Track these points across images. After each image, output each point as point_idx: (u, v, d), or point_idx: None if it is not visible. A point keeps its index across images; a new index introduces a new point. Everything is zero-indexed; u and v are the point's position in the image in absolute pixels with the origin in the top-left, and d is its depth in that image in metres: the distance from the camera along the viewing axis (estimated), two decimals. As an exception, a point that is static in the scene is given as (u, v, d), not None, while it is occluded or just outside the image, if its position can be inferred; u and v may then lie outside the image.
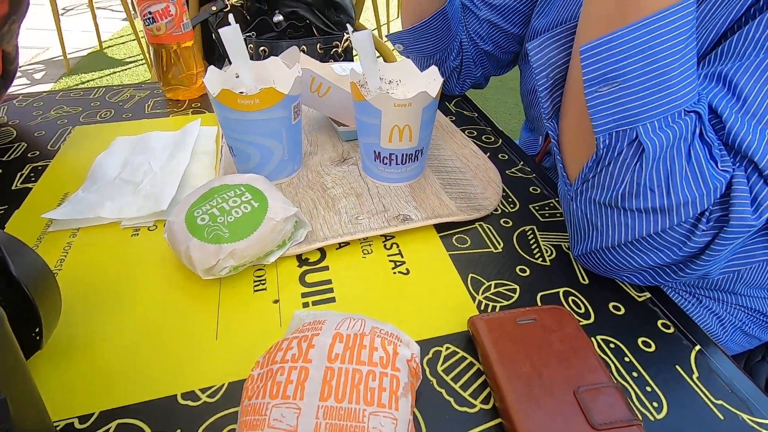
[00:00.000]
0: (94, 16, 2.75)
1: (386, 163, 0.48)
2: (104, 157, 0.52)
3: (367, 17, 3.66)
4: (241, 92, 0.47)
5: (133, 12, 2.54)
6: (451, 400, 0.30)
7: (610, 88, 0.31)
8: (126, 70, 2.70)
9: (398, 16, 3.60)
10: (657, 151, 0.30)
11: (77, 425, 0.28)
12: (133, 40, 3.03)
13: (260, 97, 0.42)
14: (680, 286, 0.58)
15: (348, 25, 0.52)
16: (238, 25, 0.44)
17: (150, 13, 0.60)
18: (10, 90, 0.62)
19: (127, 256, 0.41)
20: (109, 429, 0.28)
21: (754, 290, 0.57)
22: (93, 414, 0.29)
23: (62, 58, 2.63)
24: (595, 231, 0.36)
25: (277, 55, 0.98)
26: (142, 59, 2.80)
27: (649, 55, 0.29)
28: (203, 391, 0.30)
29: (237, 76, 0.48)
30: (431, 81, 0.47)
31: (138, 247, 0.42)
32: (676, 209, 0.31)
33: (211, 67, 0.46)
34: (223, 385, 0.31)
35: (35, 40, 3.02)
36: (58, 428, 0.28)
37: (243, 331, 0.34)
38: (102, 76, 2.60)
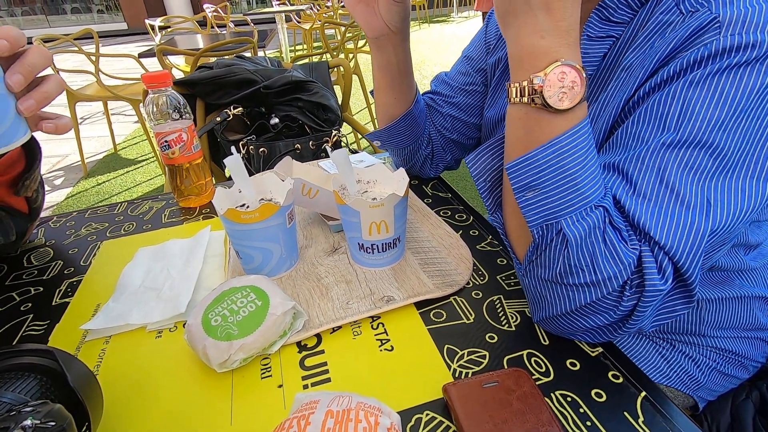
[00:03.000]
0: (110, 123, 3.02)
1: (369, 252, 0.56)
2: (129, 269, 0.61)
3: (356, 100, 3.96)
4: (244, 205, 0.57)
5: (145, 117, 2.80)
6: (431, 461, 0.35)
7: (534, 193, 0.39)
8: (138, 168, 2.91)
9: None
10: (578, 239, 0.38)
11: None
12: (145, 140, 3.30)
13: (260, 212, 0.51)
14: (655, 333, 0.63)
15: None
16: (239, 155, 0.54)
17: (166, 141, 0.72)
18: (56, 204, 0.71)
19: (152, 357, 0.47)
20: None
21: (721, 331, 0.62)
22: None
23: (80, 162, 2.85)
24: (546, 302, 0.43)
25: (274, 154, 1.11)
26: (153, 157, 3.02)
27: (559, 167, 0.38)
28: (222, 472, 0.36)
29: (240, 191, 0.58)
30: (400, 180, 0.57)
31: (161, 347, 0.49)
32: (603, 282, 0.39)
33: (218, 188, 0.55)
34: (238, 465, 0.36)
35: (56, 149, 3.29)
36: None
37: (254, 415, 0.40)
38: (116, 177, 2.80)
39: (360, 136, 2.65)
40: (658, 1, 0.45)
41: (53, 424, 0.25)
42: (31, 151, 0.58)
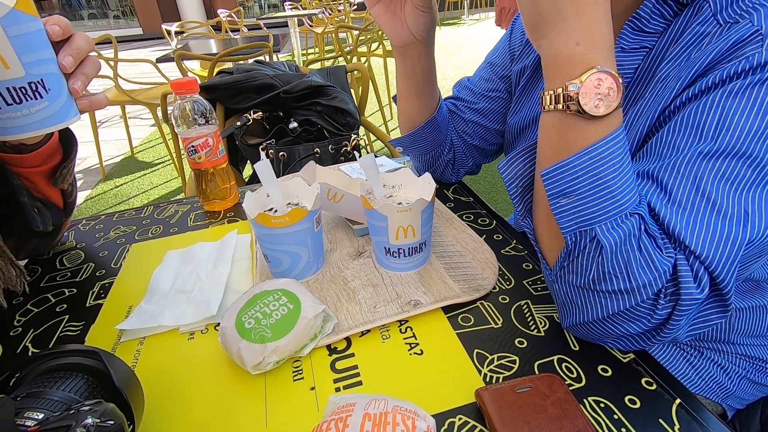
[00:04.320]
0: (127, 126, 3.07)
1: (396, 257, 0.56)
2: (159, 271, 0.62)
3: (367, 103, 3.98)
4: (272, 209, 0.58)
5: (172, 122, 2.85)
6: (466, 465, 0.36)
7: (568, 200, 0.39)
8: (155, 171, 2.96)
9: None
10: (613, 246, 0.38)
11: None
12: (161, 143, 3.35)
13: (289, 216, 0.52)
14: (682, 341, 0.63)
15: (356, 151, 0.63)
16: (268, 160, 0.55)
17: (192, 146, 0.74)
18: (76, 207, 0.72)
19: (186, 358, 0.48)
20: None
21: (751, 339, 0.61)
22: (173, 499, 0.35)
23: (98, 165, 2.91)
24: (577, 308, 0.43)
25: (294, 158, 1.12)
26: (169, 160, 3.07)
27: (593, 174, 0.38)
28: (259, 472, 0.36)
29: (267, 195, 0.59)
30: (426, 185, 0.57)
31: (194, 348, 0.50)
32: (638, 290, 0.39)
33: (248, 193, 0.57)
34: (275, 466, 0.37)
35: (75, 152, 3.35)
36: None
37: (288, 417, 0.41)
38: (134, 179, 2.85)
39: (373, 138, 2.65)
40: (694, 11, 0.45)
41: (112, 423, 0.25)
42: (68, 142, 0.61)
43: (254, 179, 1.39)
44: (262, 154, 0.57)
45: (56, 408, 0.31)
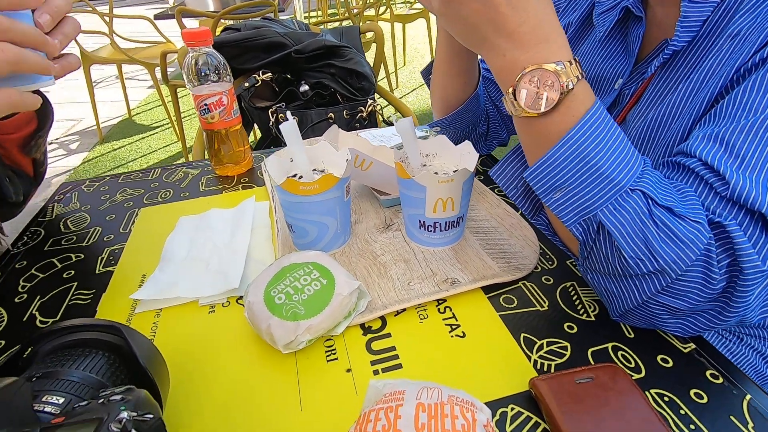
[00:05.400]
0: (124, 87, 2.96)
1: (431, 231, 0.52)
2: (173, 238, 0.58)
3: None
4: (296, 175, 0.53)
5: (183, 77, 2.74)
6: (524, 459, 0.33)
7: (561, 193, 0.37)
8: (153, 134, 2.87)
9: (405, 64, 3.78)
10: (621, 228, 0.35)
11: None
12: (159, 106, 3.24)
13: (319, 183, 0.48)
14: (755, 322, 0.60)
15: (392, 118, 0.58)
16: (295, 120, 0.50)
17: (206, 104, 0.68)
18: (72, 169, 0.67)
19: (208, 332, 0.45)
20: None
21: (793, 326, 0.59)
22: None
23: (95, 127, 2.81)
24: (614, 296, 0.40)
25: (306, 123, 1.06)
26: (168, 124, 2.98)
27: (575, 162, 0.35)
28: (297, 461, 0.33)
29: (291, 160, 0.54)
30: (466, 154, 0.52)
31: (216, 323, 0.46)
32: (669, 267, 0.35)
33: (271, 157, 0.52)
34: (314, 454, 0.34)
35: (70, 113, 3.25)
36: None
37: (324, 401, 0.38)
38: (132, 143, 2.77)
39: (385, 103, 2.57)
40: None
41: (151, 416, 0.22)
42: (44, 111, 0.56)
43: (259, 146, 1.33)
44: (288, 113, 0.51)
45: (77, 390, 0.27)
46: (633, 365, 0.39)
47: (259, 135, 1.37)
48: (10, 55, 0.37)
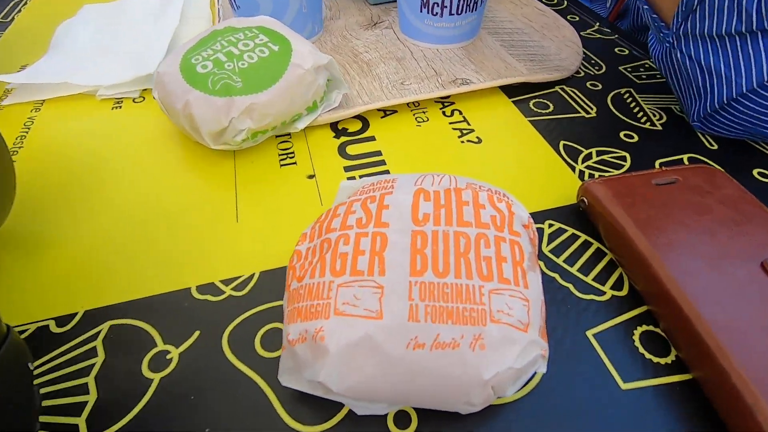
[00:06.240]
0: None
1: (436, 14, 0.37)
2: (70, 24, 0.41)
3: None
4: None
5: None
6: (570, 286, 0.22)
7: None
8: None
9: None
10: None
11: (54, 329, 0.20)
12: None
13: None
14: None
15: None
16: None
17: None
18: None
19: (108, 133, 0.31)
20: (99, 332, 0.20)
21: None
22: (75, 314, 0.21)
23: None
24: (712, 79, 0.27)
25: None
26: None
27: None
28: (226, 283, 0.22)
29: None
30: None
31: (121, 122, 0.32)
32: None
33: None
34: (253, 274, 0.22)
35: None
36: (24, 334, 0.20)
37: (273, 210, 0.25)
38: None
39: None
40: None
41: None
42: None
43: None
44: None
45: None
46: (719, 179, 0.27)
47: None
48: None
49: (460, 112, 0.33)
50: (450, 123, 0.32)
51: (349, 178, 0.27)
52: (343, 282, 0.16)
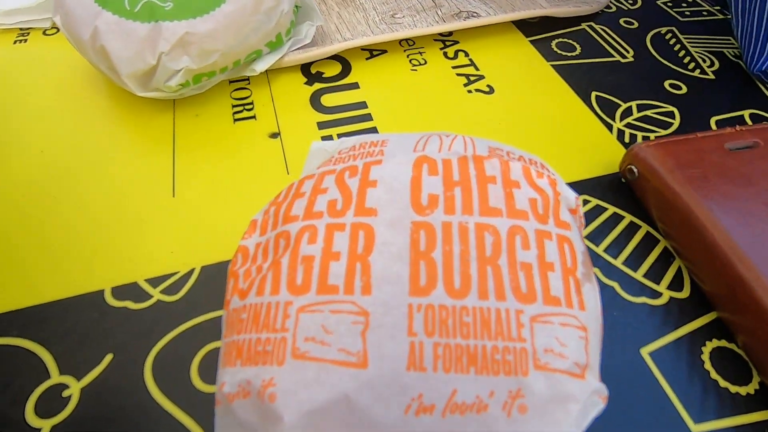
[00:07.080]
0: None
1: (436, -75, 0.29)
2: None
3: None
4: None
5: None
6: (615, 285, 0.17)
7: None
8: None
9: None
10: None
11: None
12: None
13: None
14: None
15: None
16: None
17: None
18: None
19: (5, 73, 0.24)
20: (-35, 359, 0.14)
21: None
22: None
23: None
24: None
25: None
26: None
27: None
28: (154, 283, 0.16)
29: None
30: None
31: (25, 59, 0.24)
32: None
33: None
34: (192, 271, 0.16)
35: None
36: None
37: (223, 181, 0.19)
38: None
39: None
40: None
41: None
42: None
43: None
44: None
45: None
46: (790, 142, 0.22)
47: None
48: None
49: (466, 54, 0.26)
50: (453, 67, 0.25)
51: (323, 138, 0.21)
52: (306, 304, 0.10)
